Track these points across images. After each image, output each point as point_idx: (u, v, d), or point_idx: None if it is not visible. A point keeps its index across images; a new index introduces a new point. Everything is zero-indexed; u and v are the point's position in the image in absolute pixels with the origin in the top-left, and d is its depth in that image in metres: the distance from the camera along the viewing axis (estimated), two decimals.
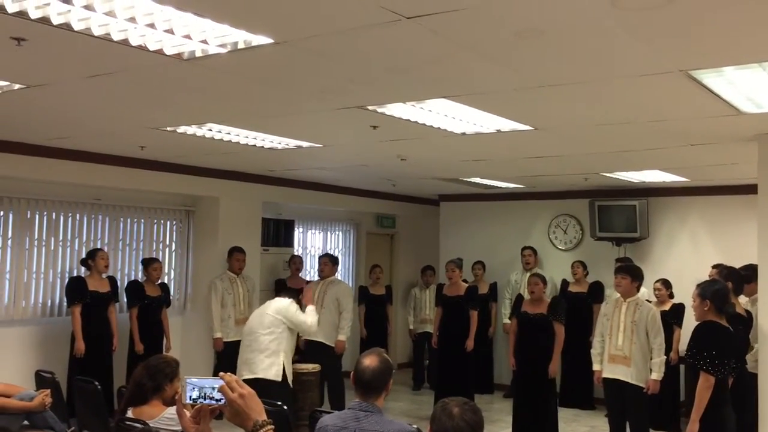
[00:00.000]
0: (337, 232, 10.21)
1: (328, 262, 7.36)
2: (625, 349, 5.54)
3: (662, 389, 5.61)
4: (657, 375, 5.45)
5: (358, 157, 6.61)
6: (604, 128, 4.82)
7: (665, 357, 5.57)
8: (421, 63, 3.30)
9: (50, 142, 5.92)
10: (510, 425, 6.99)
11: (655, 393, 5.48)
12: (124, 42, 3.02)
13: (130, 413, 3.68)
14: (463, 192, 9.47)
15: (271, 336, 5.57)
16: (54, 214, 6.77)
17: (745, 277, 5.46)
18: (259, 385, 5.44)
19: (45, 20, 2.77)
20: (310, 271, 9.47)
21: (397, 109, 4.31)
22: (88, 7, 2.67)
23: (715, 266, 6.59)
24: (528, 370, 6.50)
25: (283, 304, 5.69)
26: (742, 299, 5.53)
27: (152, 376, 3.66)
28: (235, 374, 6.06)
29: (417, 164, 6.83)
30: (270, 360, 5.55)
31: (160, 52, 3.16)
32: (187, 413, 1.89)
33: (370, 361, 3.10)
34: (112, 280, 6.78)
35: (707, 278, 6.05)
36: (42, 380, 5.21)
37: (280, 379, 5.53)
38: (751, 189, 5.46)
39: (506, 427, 7.18)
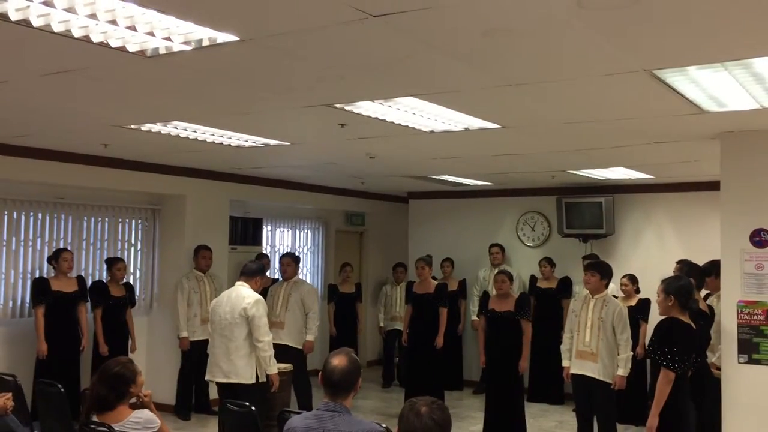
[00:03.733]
0: (306, 230, 10.17)
1: (292, 262, 7.18)
2: (592, 345, 5.60)
3: (629, 384, 5.69)
4: (623, 371, 5.52)
5: (326, 155, 6.59)
6: (571, 126, 4.86)
7: (632, 353, 5.64)
8: (389, 61, 3.29)
9: (10, 140, 5.79)
10: (479, 421, 7.04)
11: (621, 389, 5.55)
12: (85, 39, 2.95)
13: (94, 418, 3.61)
14: (432, 189, 9.49)
15: (245, 330, 5.37)
16: (15, 213, 6.63)
17: (706, 271, 5.55)
18: (234, 389, 5.32)
19: (3, 16, 2.70)
20: (266, 269, 9.40)
21: (365, 107, 4.29)
22: (47, 3, 2.60)
23: (678, 262, 6.71)
24: (498, 367, 6.55)
25: (249, 300, 5.39)
26: (703, 293, 5.63)
27: (113, 387, 3.58)
28: (205, 375, 5.92)
29: (386, 162, 6.83)
30: (245, 361, 5.39)
31: (122, 49, 3.10)
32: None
33: (338, 361, 3.08)
34: (80, 280, 6.67)
35: (672, 274, 6.17)
36: (3, 383, 5.10)
37: (254, 380, 5.40)
38: (713, 186, 5.57)
39: (476, 423, 7.23)
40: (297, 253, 8.76)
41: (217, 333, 5.50)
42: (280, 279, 7.48)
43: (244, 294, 5.46)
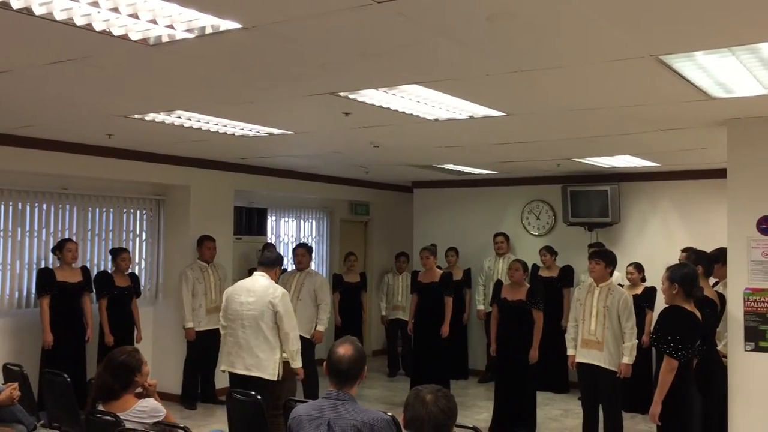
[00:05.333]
0: (310, 220, 10.16)
1: (306, 253, 7.21)
2: (597, 333, 5.59)
3: (635, 372, 5.68)
4: (628, 359, 5.51)
5: (330, 144, 6.57)
6: (576, 114, 4.83)
7: (637, 341, 5.64)
8: (393, 48, 3.26)
9: (14, 130, 5.79)
10: (485, 410, 7.05)
11: (627, 377, 5.55)
12: (88, 27, 2.93)
13: (100, 407, 3.63)
14: (437, 179, 9.46)
15: (272, 323, 5.17)
16: (20, 204, 6.63)
17: (714, 258, 5.53)
18: (253, 382, 5.07)
19: (5, 5, 2.69)
20: (284, 260, 9.41)
21: (369, 96, 4.27)
22: None
23: (684, 250, 6.67)
24: (508, 356, 6.54)
25: (276, 293, 5.19)
26: (713, 281, 5.61)
27: (118, 376, 3.60)
28: (215, 365, 5.80)
29: (390, 151, 6.80)
30: (269, 355, 5.15)
31: (124, 37, 3.08)
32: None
33: (344, 350, 3.08)
34: (84, 270, 6.68)
35: (677, 262, 6.14)
36: (10, 373, 5.12)
37: (276, 377, 5.18)
38: (720, 173, 5.53)
39: (481, 412, 7.23)
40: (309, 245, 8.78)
41: (237, 324, 5.25)
42: (290, 269, 7.49)
43: (267, 285, 5.25)
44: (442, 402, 2.61)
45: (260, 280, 5.33)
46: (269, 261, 5.44)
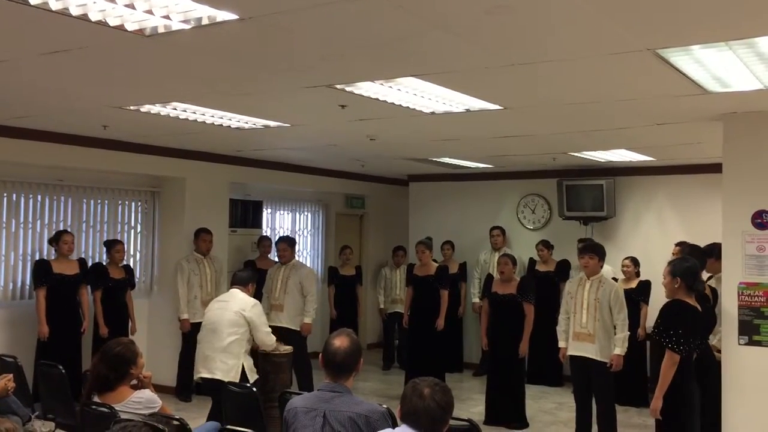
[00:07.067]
0: (306, 213, 10.15)
1: (288, 247, 7.24)
2: (589, 326, 5.61)
3: (629, 366, 5.70)
4: (620, 350, 5.54)
5: (326, 137, 6.55)
6: (573, 107, 4.83)
7: (629, 333, 5.66)
8: (390, 40, 3.25)
9: (8, 121, 5.76)
10: (479, 403, 7.07)
11: (618, 368, 5.57)
12: (83, 17, 2.92)
13: (95, 398, 3.62)
14: (433, 172, 9.46)
15: (234, 336, 5.28)
16: (15, 195, 6.61)
17: (707, 253, 5.54)
18: (216, 384, 5.16)
19: None
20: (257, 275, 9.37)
21: (365, 88, 4.26)
22: None
23: (678, 244, 6.69)
24: (499, 349, 6.56)
25: (247, 304, 5.36)
26: (704, 275, 5.62)
27: (114, 367, 3.60)
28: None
29: (386, 144, 6.79)
30: (232, 362, 5.26)
31: (120, 27, 3.06)
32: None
33: (340, 342, 3.08)
34: (81, 262, 6.67)
35: (671, 256, 6.15)
36: (4, 365, 5.11)
37: (238, 379, 5.24)
38: (715, 168, 5.54)
39: (476, 405, 7.25)
40: (295, 236, 8.78)
41: (208, 330, 5.42)
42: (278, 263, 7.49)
43: (240, 297, 5.42)
44: (439, 396, 2.62)
45: (235, 292, 5.48)
46: (242, 279, 5.56)
